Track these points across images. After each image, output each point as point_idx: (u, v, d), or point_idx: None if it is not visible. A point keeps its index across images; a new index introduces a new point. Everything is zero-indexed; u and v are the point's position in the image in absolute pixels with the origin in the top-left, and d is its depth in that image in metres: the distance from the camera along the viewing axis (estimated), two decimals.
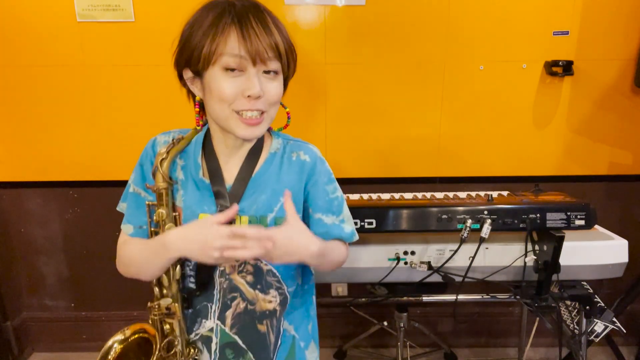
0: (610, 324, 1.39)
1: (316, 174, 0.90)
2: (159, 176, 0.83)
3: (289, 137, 0.96)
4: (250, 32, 0.74)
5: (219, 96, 0.78)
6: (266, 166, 0.88)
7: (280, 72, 0.81)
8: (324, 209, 0.91)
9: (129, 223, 0.90)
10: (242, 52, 0.75)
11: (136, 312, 2.06)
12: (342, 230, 0.92)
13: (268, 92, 0.79)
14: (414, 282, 1.36)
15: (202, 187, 0.86)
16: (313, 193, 0.90)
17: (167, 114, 1.78)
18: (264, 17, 0.77)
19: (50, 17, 1.68)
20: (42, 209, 1.93)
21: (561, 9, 1.67)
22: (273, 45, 0.76)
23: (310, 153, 0.91)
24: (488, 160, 1.83)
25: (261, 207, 0.86)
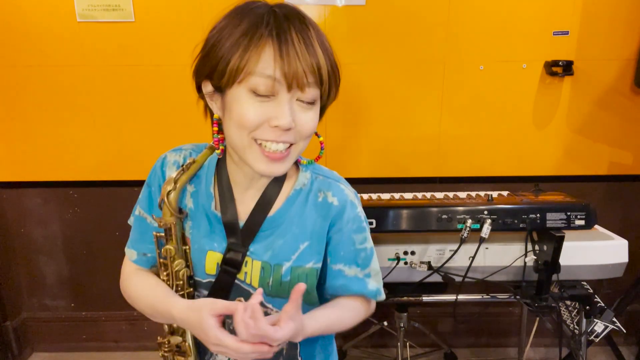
0: (610, 324, 1.39)
1: (343, 220, 0.77)
2: (167, 210, 0.73)
3: (320, 169, 0.82)
4: (290, 51, 0.61)
5: (239, 121, 0.65)
6: (287, 205, 0.76)
7: (317, 101, 0.68)
8: (347, 259, 0.78)
9: (133, 249, 0.82)
10: (277, 74, 0.61)
11: (136, 312, 2.05)
12: (365, 287, 0.79)
13: (301, 124, 0.66)
14: (414, 282, 1.36)
15: (214, 220, 0.76)
16: (335, 240, 0.77)
17: (167, 114, 1.78)
18: (308, 32, 0.63)
19: (50, 17, 1.68)
20: (42, 209, 1.93)
21: (561, 9, 1.67)
22: (315, 68, 0.63)
23: (339, 195, 0.77)
24: (488, 160, 1.83)
25: (277, 254, 0.75)
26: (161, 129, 1.80)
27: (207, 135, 0.88)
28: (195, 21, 1.68)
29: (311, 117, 0.68)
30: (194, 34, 1.69)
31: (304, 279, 0.76)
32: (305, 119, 0.67)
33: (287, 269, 0.75)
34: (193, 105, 0.89)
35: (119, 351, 2.13)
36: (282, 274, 0.75)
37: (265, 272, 0.75)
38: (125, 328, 2.10)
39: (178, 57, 1.72)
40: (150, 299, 0.77)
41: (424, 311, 2.07)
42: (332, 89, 0.69)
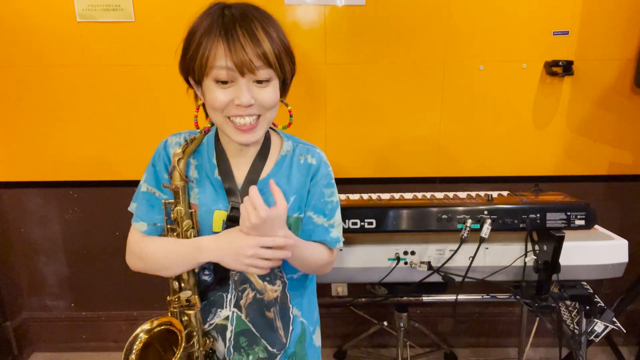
0: (610, 324, 1.39)
1: (318, 175, 0.93)
2: (177, 175, 0.86)
3: (299, 139, 0.98)
4: (236, 44, 0.76)
5: (211, 105, 0.82)
6: (277, 168, 0.92)
7: (273, 79, 0.82)
8: (316, 209, 0.94)
9: (142, 220, 0.92)
10: (229, 64, 0.76)
11: (136, 312, 2.06)
12: (328, 234, 0.95)
13: (260, 99, 0.81)
14: (414, 282, 1.36)
15: (217, 185, 0.90)
16: (311, 192, 0.93)
17: (167, 113, 1.78)
18: (251, 26, 0.77)
19: (50, 17, 1.68)
20: (42, 209, 1.93)
21: (561, 9, 1.67)
22: (260, 54, 0.77)
23: (316, 156, 0.94)
24: (488, 160, 1.83)
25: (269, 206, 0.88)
26: (161, 128, 1.80)
27: None
28: None
29: (268, 92, 0.82)
30: None
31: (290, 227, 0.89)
32: (263, 95, 0.81)
33: None
34: (193, 105, 0.93)
35: (119, 351, 2.12)
36: None
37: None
38: (125, 328, 2.10)
39: (178, 57, 1.71)
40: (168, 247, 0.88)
41: (424, 311, 2.07)
42: (285, 65, 0.83)
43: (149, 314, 2.05)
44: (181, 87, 0.91)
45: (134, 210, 0.94)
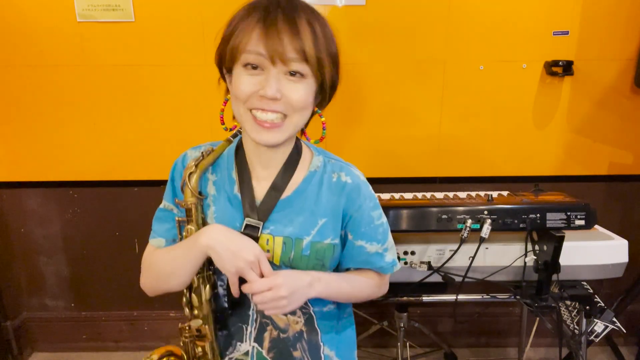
0: (610, 324, 1.39)
1: (361, 197, 0.83)
2: (188, 191, 0.79)
3: (331, 155, 0.89)
4: (272, 30, 0.69)
5: (235, 92, 0.75)
6: (304, 184, 0.83)
7: (308, 76, 0.74)
8: (368, 236, 0.85)
9: (160, 237, 0.87)
10: (261, 49, 0.70)
11: (136, 312, 2.06)
12: (383, 260, 0.87)
13: (289, 95, 0.73)
14: (414, 282, 1.36)
15: (235, 202, 0.82)
16: (357, 218, 0.84)
17: (167, 114, 1.78)
18: (294, 16, 0.71)
19: (50, 17, 1.68)
20: (42, 209, 1.93)
21: (561, 9, 1.67)
22: (297, 46, 0.70)
23: (352, 175, 0.85)
24: (488, 160, 1.83)
25: (298, 229, 0.81)
26: (161, 128, 1.80)
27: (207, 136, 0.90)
28: (195, 21, 1.68)
29: (299, 89, 0.73)
30: (194, 34, 1.69)
31: (322, 253, 0.82)
32: (292, 91, 0.73)
33: (307, 243, 0.81)
34: (193, 105, 0.91)
35: (119, 351, 2.13)
36: (303, 247, 0.80)
37: (287, 246, 0.80)
38: (125, 328, 2.10)
39: (178, 57, 1.72)
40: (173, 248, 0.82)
41: (424, 311, 2.07)
42: (324, 67, 0.74)
43: (149, 314, 2.05)
44: (182, 87, 0.89)
45: (153, 228, 0.88)
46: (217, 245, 0.75)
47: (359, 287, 0.88)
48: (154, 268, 0.85)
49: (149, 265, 0.87)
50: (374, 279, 0.90)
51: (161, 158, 1.83)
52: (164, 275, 0.83)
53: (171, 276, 0.81)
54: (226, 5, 0.76)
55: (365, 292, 0.89)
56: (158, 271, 0.84)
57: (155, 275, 0.85)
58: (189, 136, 1.78)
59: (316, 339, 0.87)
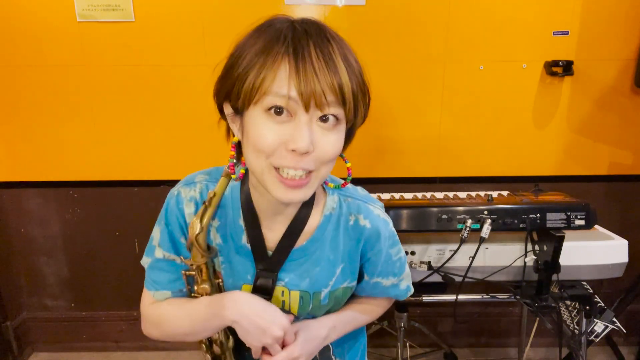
0: (610, 324, 1.39)
1: (380, 242, 0.77)
2: (197, 253, 0.70)
3: (346, 190, 0.79)
4: (308, 67, 0.57)
5: (255, 144, 0.61)
6: (320, 232, 0.75)
7: (341, 122, 0.63)
8: (384, 273, 0.82)
9: (165, 290, 0.78)
10: (293, 93, 0.58)
11: (136, 312, 2.06)
12: (398, 289, 0.86)
13: (321, 148, 0.61)
14: (414, 282, 1.35)
15: (245, 254, 0.74)
16: (374, 260, 0.79)
17: (167, 113, 1.78)
18: (329, 48, 0.60)
19: (50, 17, 1.68)
20: (42, 209, 1.93)
21: (561, 9, 1.67)
22: (336, 86, 0.59)
23: (371, 217, 0.76)
24: (488, 160, 1.83)
25: (315, 282, 0.75)
26: (161, 128, 1.80)
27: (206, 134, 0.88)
28: (195, 21, 1.68)
29: (333, 140, 0.63)
30: (194, 34, 1.69)
31: (340, 297, 0.79)
32: (325, 143, 0.62)
33: (325, 294, 0.77)
34: (193, 104, 0.89)
35: (119, 351, 2.13)
36: (322, 299, 0.77)
37: (304, 300, 0.76)
38: (125, 328, 2.10)
39: (178, 57, 1.72)
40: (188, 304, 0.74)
41: (424, 311, 2.07)
42: (359, 108, 0.64)
43: None
44: (182, 87, 0.89)
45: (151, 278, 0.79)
46: (244, 321, 0.68)
47: (369, 318, 0.88)
48: (166, 325, 0.77)
49: (157, 321, 0.78)
50: (382, 305, 0.90)
51: (161, 158, 1.83)
52: (180, 335, 0.76)
53: (189, 336, 0.75)
54: (226, 5, 0.75)
55: (371, 320, 0.90)
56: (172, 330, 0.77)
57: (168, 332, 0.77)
58: (189, 136, 1.78)
59: (328, 354, 0.86)
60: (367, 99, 0.67)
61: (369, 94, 0.68)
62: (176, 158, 1.83)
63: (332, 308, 0.82)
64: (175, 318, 0.75)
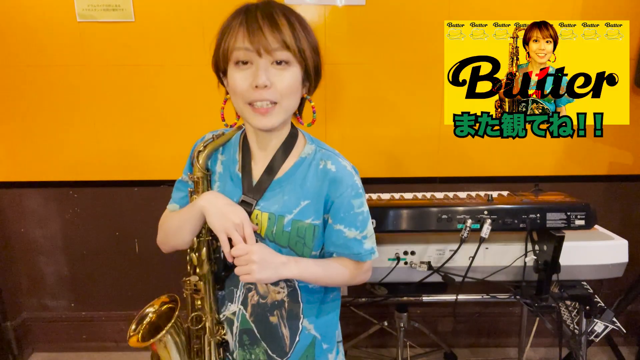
0: (610, 324, 1.39)
1: (343, 186, 0.89)
2: (196, 167, 0.91)
3: (324, 145, 0.96)
4: (255, 26, 0.78)
5: (233, 90, 0.83)
6: (294, 168, 0.91)
7: (292, 64, 0.82)
8: (346, 221, 0.90)
9: (176, 203, 0.99)
10: (247, 44, 0.79)
11: (136, 312, 2.05)
12: (362, 246, 0.92)
13: (277, 83, 0.81)
14: (414, 282, 1.36)
15: (236, 180, 0.92)
16: (337, 204, 0.90)
17: (167, 113, 1.78)
18: (272, 12, 0.80)
19: (50, 17, 1.68)
20: (42, 209, 1.93)
21: (561, 9, 1.67)
22: (278, 37, 0.79)
23: (337, 164, 0.91)
24: (488, 160, 1.83)
25: (282, 207, 0.89)
26: (161, 128, 1.80)
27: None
28: (195, 21, 1.68)
29: (285, 75, 0.82)
30: (194, 34, 1.69)
31: (302, 232, 0.90)
32: (280, 79, 0.81)
33: (288, 221, 0.89)
34: (193, 104, 0.93)
35: (119, 351, 2.13)
36: (284, 224, 0.89)
37: (271, 221, 0.89)
38: (125, 328, 2.09)
39: (178, 57, 1.72)
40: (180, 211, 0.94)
41: (424, 311, 2.07)
42: (306, 51, 0.83)
43: None
44: (182, 87, 0.91)
45: (172, 196, 1.00)
46: (209, 206, 0.86)
47: (334, 273, 0.93)
48: (165, 226, 0.97)
49: (161, 223, 0.99)
50: (349, 267, 0.95)
51: (161, 158, 1.83)
52: (170, 232, 0.95)
53: (176, 233, 0.92)
54: (226, 5, 0.78)
55: (339, 278, 0.94)
56: (167, 228, 0.96)
57: (165, 232, 0.97)
58: (189, 136, 1.77)
59: (297, 311, 0.95)
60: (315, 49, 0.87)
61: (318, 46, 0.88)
62: (176, 158, 1.82)
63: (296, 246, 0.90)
64: (170, 217, 0.96)
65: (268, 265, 0.84)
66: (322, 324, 0.98)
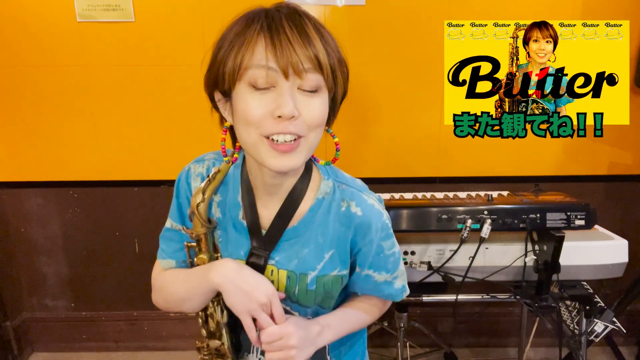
0: (610, 324, 1.39)
1: (371, 232, 0.77)
2: (197, 222, 0.75)
3: (342, 177, 0.82)
4: (282, 38, 0.61)
5: (244, 117, 0.65)
6: (311, 213, 0.76)
7: (322, 89, 0.67)
8: (376, 266, 0.80)
9: (171, 259, 0.83)
10: (271, 63, 0.62)
11: (136, 312, 2.06)
12: (392, 287, 0.84)
13: (306, 112, 0.65)
14: (414, 282, 1.36)
15: (241, 229, 0.77)
16: (365, 251, 0.78)
17: (167, 113, 1.78)
18: (302, 23, 0.64)
19: (50, 17, 1.68)
20: (42, 209, 1.93)
21: (561, 9, 1.67)
22: (311, 54, 0.63)
23: (363, 205, 0.77)
24: (488, 160, 1.83)
25: (303, 263, 0.76)
26: (161, 128, 1.80)
27: (206, 135, 0.89)
28: (195, 21, 1.68)
29: (316, 104, 0.66)
30: (194, 34, 1.69)
31: (329, 286, 0.78)
32: (309, 108, 0.65)
33: (312, 278, 0.76)
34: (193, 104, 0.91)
35: (119, 351, 2.13)
36: (308, 282, 0.77)
37: (291, 281, 0.77)
38: (125, 328, 2.10)
39: (178, 57, 1.72)
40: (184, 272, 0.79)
41: (424, 311, 2.07)
42: (338, 77, 0.69)
43: (148, 314, 2.05)
44: (182, 87, 0.89)
45: (161, 247, 0.84)
46: (227, 285, 0.71)
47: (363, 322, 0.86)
48: (166, 291, 0.81)
49: (160, 287, 0.83)
50: (377, 307, 0.88)
51: (161, 158, 1.83)
52: (176, 300, 0.80)
53: (184, 302, 0.79)
54: (226, 5, 0.76)
55: (367, 322, 0.88)
56: (170, 295, 0.81)
57: (167, 298, 0.82)
58: (189, 136, 1.78)
59: (323, 353, 0.85)
60: (345, 69, 0.72)
61: (347, 66, 0.73)
62: (176, 158, 1.83)
63: (323, 302, 0.81)
64: (173, 283, 0.80)
65: (306, 344, 0.73)
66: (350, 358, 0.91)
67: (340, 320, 0.82)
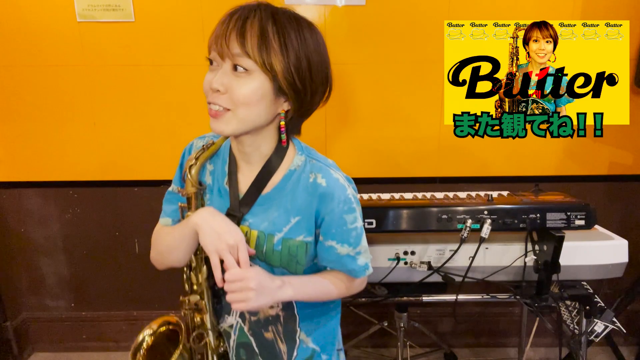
0: (610, 324, 1.39)
1: (334, 201, 0.84)
2: (188, 182, 0.86)
3: (315, 154, 0.90)
4: (224, 28, 0.75)
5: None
6: (283, 183, 0.85)
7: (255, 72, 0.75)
8: (339, 237, 0.86)
9: (168, 217, 0.94)
10: (212, 44, 0.77)
11: (136, 312, 2.06)
12: (355, 263, 0.88)
13: (231, 90, 0.75)
14: (414, 282, 1.36)
15: (224, 193, 0.88)
16: (328, 221, 0.85)
17: (167, 113, 1.78)
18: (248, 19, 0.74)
19: (50, 17, 1.68)
20: (42, 209, 1.93)
21: (561, 9, 1.67)
22: (241, 42, 0.73)
23: (328, 178, 0.85)
24: (488, 160, 1.83)
25: (271, 225, 0.85)
26: (161, 128, 1.80)
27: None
28: (195, 21, 1.68)
29: (242, 83, 0.75)
30: (194, 34, 1.69)
31: (294, 250, 0.85)
32: (236, 86, 0.75)
33: (278, 240, 0.85)
34: (193, 104, 0.92)
35: (119, 351, 2.13)
36: (275, 243, 0.85)
37: (260, 240, 0.85)
38: (125, 328, 2.10)
39: (178, 57, 1.72)
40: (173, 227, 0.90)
41: (424, 311, 2.07)
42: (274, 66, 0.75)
43: (148, 314, 2.05)
44: (182, 87, 0.90)
45: (163, 208, 0.95)
46: (203, 223, 0.80)
47: (328, 289, 0.90)
48: (159, 244, 0.92)
49: (153, 240, 0.93)
50: (343, 281, 0.91)
51: (161, 158, 1.83)
52: (165, 251, 0.89)
53: (171, 252, 0.88)
54: (226, 5, 0.77)
55: (334, 293, 0.91)
56: (161, 246, 0.91)
57: (159, 250, 0.91)
58: (189, 136, 1.78)
59: (293, 325, 0.91)
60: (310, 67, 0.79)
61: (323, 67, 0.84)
62: (176, 158, 1.82)
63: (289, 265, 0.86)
64: (163, 235, 0.91)
65: (265, 292, 0.79)
66: (320, 335, 0.95)
67: (303, 282, 0.87)
